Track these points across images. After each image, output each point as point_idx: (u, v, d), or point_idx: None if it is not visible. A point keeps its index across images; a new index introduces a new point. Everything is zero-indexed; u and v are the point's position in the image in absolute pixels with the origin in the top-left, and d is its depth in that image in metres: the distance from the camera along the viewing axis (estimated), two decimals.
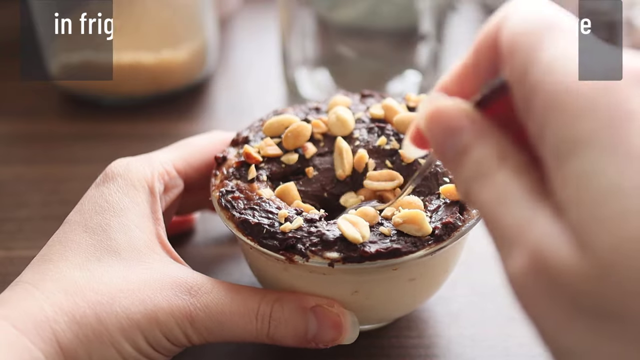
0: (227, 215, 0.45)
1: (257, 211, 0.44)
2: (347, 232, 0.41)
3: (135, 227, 0.44)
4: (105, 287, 0.41)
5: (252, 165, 0.47)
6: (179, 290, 0.42)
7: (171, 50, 0.76)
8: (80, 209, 0.45)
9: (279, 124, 0.49)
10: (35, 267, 0.42)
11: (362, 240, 0.41)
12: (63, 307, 0.39)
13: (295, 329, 0.43)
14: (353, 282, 0.44)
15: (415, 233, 0.42)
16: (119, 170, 0.47)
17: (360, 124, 0.50)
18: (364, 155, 0.48)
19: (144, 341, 0.41)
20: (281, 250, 0.42)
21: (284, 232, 0.43)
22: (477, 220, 0.44)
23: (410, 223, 0.42)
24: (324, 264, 0.42)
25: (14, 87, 0.82)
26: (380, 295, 0.45)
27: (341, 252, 0.42)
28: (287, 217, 0.44)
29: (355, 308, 0.45)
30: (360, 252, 0.41)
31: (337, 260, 0.41)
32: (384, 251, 0.41)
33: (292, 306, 0.43)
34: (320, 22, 0.77)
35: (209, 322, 0.42)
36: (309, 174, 0.48)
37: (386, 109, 0.50)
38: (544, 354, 0.49)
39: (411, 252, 0.42)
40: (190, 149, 0.51)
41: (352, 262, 0.42)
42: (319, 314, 0.44)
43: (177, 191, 0.50)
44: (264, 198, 0.45)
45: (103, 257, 0.43)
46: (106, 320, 0.40)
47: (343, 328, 0.44)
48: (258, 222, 0.43)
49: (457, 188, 0.34)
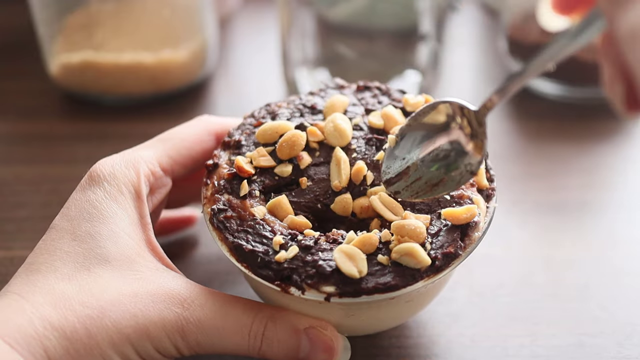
0: (219, 236, 0.44)
1: (251, 234, 0.43)
2: (343, 267, 0.41)
3: (125, 234, 0.44)
4: (95, 300, 0.40)
5: (244, 180, 0.46)
6: (170, 302, 0.41)
7: (171, 50, 0.76)
8: (67, 215, 0.44)
9: (273, 130, 0.48)
10: (23, 277, 0.41)
11: (359, 276, 0.41)
12: (53, 322, 0.39)
13: (287, 349, 0.43)
14: (349, 309, 0.43)
15: (413, 266, 0.41)
16: (105, 174, 0.46)
17: (358, 131, 0.48)
18: (362, 167, 0.46)
19: (134, 354, 0.40)
20: (276, 282, 0.42)
21: (278, 262, 0.42)
22: (476, 245, 0.44)
23: (407, 256, 0.41)
24: (320, 298, 0.41)
25: (14, 87, 0.82)
26: (375, 316, 0.45)
27: (337, 286, 0.41)
28: (282, 245, 0.43)
29: (350, 327, 0.45)
30: (357, 288, 0.41)
31: (333, 295, 0.41)
32: (381, 287, 0.41)
33: (285, 326, 0.43)
34: (320, 22, 0.77)
35: (200, 336, 0.42)
36: (303, 184, 0.47)
37: (386, 118, 0.48)
38: (545, 355, 0.49)
39: (409, 285, 0.41)
40: (176, 143, 0.49)
41: (349, 297, 0.41)
42: (312, 336, 0.43)
43: (164, 191, 0.49)
44: (257, 219, 0.44)
45: (92, 266, 0.42)
46: (97, 335, 0.39)
47: (335, 351, 0.44)
48: (252, 250, 0.42)
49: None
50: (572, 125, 0.75)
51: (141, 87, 0.77)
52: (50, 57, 0.77)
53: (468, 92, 0.83)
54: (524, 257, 0.58)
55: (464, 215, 0.43)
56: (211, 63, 0.83)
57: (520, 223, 0.62)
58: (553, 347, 0.50)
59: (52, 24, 0.75)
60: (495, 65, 0.87)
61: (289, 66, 0.79)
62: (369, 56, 0.79)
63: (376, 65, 0.79)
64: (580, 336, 0.51)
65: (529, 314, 0.53)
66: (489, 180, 0.47)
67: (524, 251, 0.59)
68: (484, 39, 0.94)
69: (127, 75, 0.76)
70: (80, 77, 0.76)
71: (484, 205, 0.45)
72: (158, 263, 0.44)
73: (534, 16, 0.76)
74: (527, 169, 0.70)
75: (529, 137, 0.74)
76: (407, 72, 0.78)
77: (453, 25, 0.92)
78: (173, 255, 0.55)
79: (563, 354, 0.50)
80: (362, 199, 0.46)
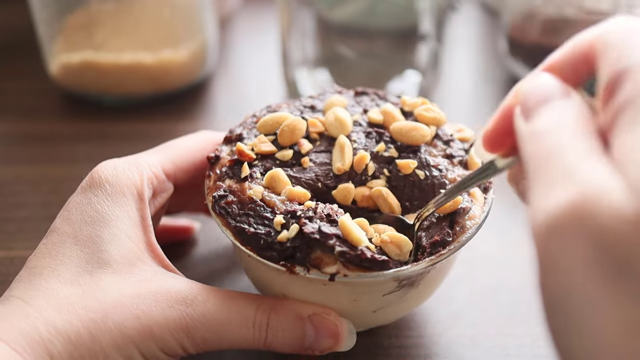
0: (223, 222, 0.45)
1: (252, 217, 0.44)
2: (351, 231, 0.41)
3: (127, 237, 0.44)
4: (98, 303, 0.40)
5: (244, 163, 0.46)
6: (173, 301, 0.42)
7: (171, 50, 0.76)
8: (69, 218, 0.44)
9: (274, 121, 0.48)
10: (26, 281, 0.41)
11: (364, 243, 0.41)
12: (57, 326, 0.39)
13: (292, 338, 0.43)
14: (353, 292, 0.44)
15: (395, 257, 0.42)
16: (107, 176, 0.46)
17: (357, 126, 0.49)
18: (365, 156, 0.47)
19: (139, 356, 0.40)
20: (281, 262, 0.42)
21: (281, 242, 0.42)
22: (473, 233, 0.44)
23: (391, 244, 0.42)
24: (325, 277, 0.41)
25: (14, 87, 0.82)
26: (380, 303, 0.45)
27: (341, 254, 0.41)
28: (283, 224, 0.43)
29: (354, 315, 0.45)
30: (360, 255, 0.41)
31: (337, 273, 0.41)
32: (379, 260, 0.41)
33: (289, 315, 0.43)
34: (320, 22, 0.77)
35: (205, 332, 0.42)
36: (305, 164, 0.47)
37: (385, 114, 0.49)
38: (545, 355, 0.49)
39: (396, 267, 0.42)
40: (179, 150, 0.50)
41: (352, 265, 0.41)
42: (316, 323, 0.43)
43: (166, 195, 0.49)
44: (257, 200, 0.44)
45: (94, 270, 0.42)
46: (100, 338, 0.39)
47: (340, 336, 0.44)
48: (255, 232, 0.43)
49: (516, 124, 0.34)
50: None
51: (141, 87, 0.77)
52: (50, 57, 0.77)
53: (468, 92, 0.83)
54: (524, 257, 0.58)
55: (448, 204, 0.44)
56: (211, 63, 0.83)
57: (520, 223, 0.62)
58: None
59: (52, 24, 0.75)
60: (495, 65, 0.87)
61: (289, 66, 0.79)
62: (369, 56, 0.79)
63: (376, 65, 0.79)
64: None
65: (529, 314, 0.53)
66: None
67: (524, 251, 0.59)
68: (484, 39, 0.94)
69: (127, 75, 0.76)
70: (80, 77, 0.76)
71: (481, 197, 0.46)
72: (159, 265, 0.44)
73: (534, 16, 0.76)
74: None
75: None
76: (407, 72, 0.78)
77: (453, 25, 0.92)
78: (172, 255, 0.55)
79: None
80: (362, 187, 0.47)
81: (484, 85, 0.84)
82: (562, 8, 0.74)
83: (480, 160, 0.47)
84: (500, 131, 0.36)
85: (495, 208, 0.64)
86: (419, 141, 0.47)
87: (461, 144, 0.49)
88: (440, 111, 0.49)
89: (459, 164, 0.47)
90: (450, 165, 0.47)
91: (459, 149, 0.48)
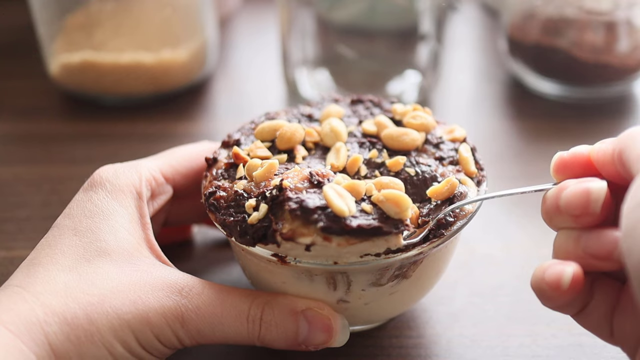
0: (213, 217, 0.45)
1: (233, 208, 0.44)
2: (334, 203, 0.41)
3: (124, 230, 0.44)
4: (96, 288, 0.41)
5: (240, 165, 0.47)
6: (169, 291, 0.42)
7: (171, 50, 0.76)
8: (69, 214, 0.45)
9: (271, 128, 0.49)
10: (24, 270, 0.42)
11: (348, 214, 0.41)
12: (54, 308, 0.39)
13: (286, 332, 0.43)
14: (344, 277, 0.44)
15: (394, 214, 0.41)
16: (107, 176, 0.47)
17: (352, 137, 0.50)
18: (358, 157, 0.47)
19: (135, 342, 0.41)
20: (256, 244, 0.42)
21: (252, 224, 0.42)
22: (469, 219, 0.44)
23: (390, 202, 0.41)
24: (300, 249, 0.41)
25: (14, 87, 0.82)
26: (371, 297, 0.45)
27: (324, 223, 0.41)
28: (254, 207, 0.43)
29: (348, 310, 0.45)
30: (343, 225, 0.40)
31: (312, 244, 0.41)
32: (365, 228, 0.41)
33: (282, 309, 0.43)
34: (320, 22, 0.77)
35: (200, 323, 0.42)
36: (298, 161, 0.48)
37: (379, 125, 0.50)
38: (545, 355, 0.50)
39: (393, 233, 0.41)
40: (178, 156, 0.51)
41: (334, 234, 0.41)
42: (310, 317, 0.44)
43: (165, 197, 0.50)
44: (239, 191, 0.45)
45: (93, 258, 0.42)
46: (97, 320, 0.40)
47: (334, 331, 0.44)
48: (233, 220, 0.44)
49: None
50: (571, 125, 0.76)
51: (141, 87, 0.77)
52: (50, 57, 0.77)
53: (468, 92, 0.83)
54: (524, 257, 0.58)
55: (445, 188, 0.44)
56: (211, 63, 0.83)
57: (520, 223, 0.62)
58: (553, 347, 0.50)
59: (52, 24, 0.75)
60: (495, 65, 0.87)
61: (289, 66, 0.79)
62: (369, 56, 0.79)
63: (376, 65, 0.79)
64: (580, 336, 0.51)
65: (529, 314, 0.53)
66: (479, 169, 0.49)
67: (524, 251, 0.59)
68: (484, 39, 0.94)
69: (127, 75, 0.76)
70: (80, 77, 0.76)
71: (474, 188, 0.47)
72: (155, 260, 0.45)
73: (534, 16, 0.76)
74: (526, 168, 0.70)
75: (528, 137, 0.75)
76: (407, 72, 0.78)
77: (453, 25, 0.92)
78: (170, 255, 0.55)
79: (563, 354, 0.50)
80: None
81: (484, 85, 0.84)
82: (562, 8, 0.74)
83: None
84: (569, 166, 0.41)
85: (496, 208, 0.64)
86: (410, 145, 0.48)
87: (452, 144, 0.49)
88: (428, 116, 0.50)
89: (449, 164, 0.48)
90: (440, 166, 0.48)
91: (449, 150, 0.49)
